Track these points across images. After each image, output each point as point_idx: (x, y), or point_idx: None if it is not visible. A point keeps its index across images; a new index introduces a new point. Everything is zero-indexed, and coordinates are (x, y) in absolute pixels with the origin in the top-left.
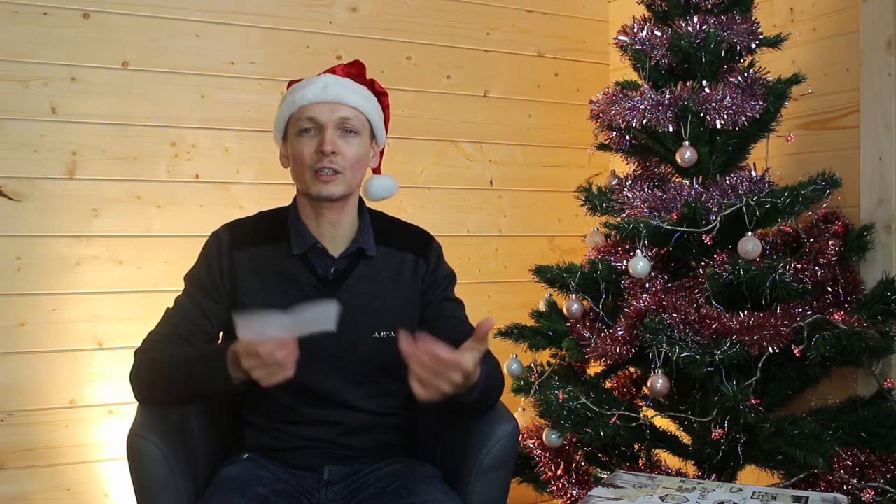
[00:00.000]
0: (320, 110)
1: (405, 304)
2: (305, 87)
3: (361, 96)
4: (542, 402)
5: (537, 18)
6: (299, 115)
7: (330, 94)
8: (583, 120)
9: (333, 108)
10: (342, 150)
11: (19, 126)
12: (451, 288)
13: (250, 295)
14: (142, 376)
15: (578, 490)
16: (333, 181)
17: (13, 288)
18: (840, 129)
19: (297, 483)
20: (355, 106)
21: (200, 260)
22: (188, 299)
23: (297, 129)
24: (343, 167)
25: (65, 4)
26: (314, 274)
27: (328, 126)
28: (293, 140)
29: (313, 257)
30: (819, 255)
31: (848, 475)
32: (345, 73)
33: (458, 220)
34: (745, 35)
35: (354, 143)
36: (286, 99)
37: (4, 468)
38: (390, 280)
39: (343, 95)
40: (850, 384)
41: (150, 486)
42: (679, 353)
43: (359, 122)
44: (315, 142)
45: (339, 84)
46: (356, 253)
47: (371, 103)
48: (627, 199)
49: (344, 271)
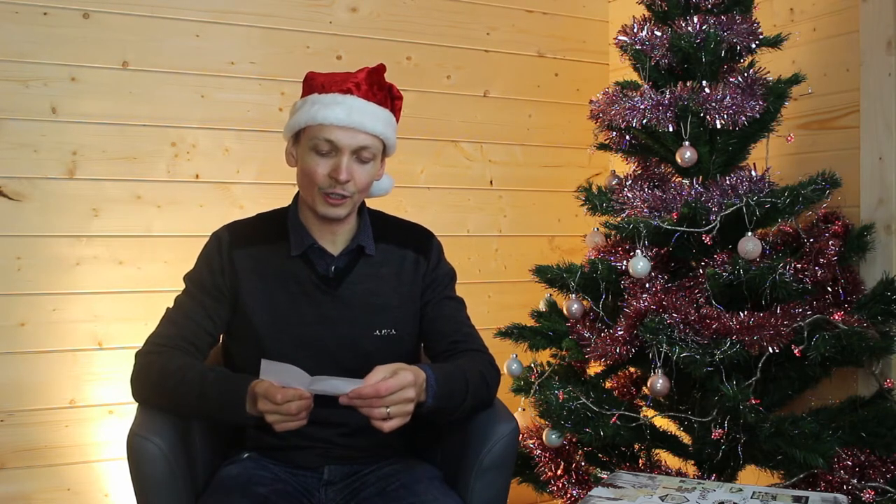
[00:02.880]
0: (340, 136)
1: (406, 302)
2: (329, 105)
3: (383, 123)
4: (542, 402)
5: (537, 18)
6: (318, 132)
7: (354, 120)
8: (583, 120)
9: (354, 136)
10: (355, 177)
11: (19, 126)
12: (451, 286)
13: (251, 294)
14: (147, 380)
15: (578, 490)
16: (341, 205)
17: (13, 288)
18: (840, 129)
19: (298, 483)
20: (375, 133)
21: (201, 260)
22: (190, 299)
23: (313, 144)
24: (353, 192)
25: (65, 4)
26: (315, 272)
27: (345, 152)
28: (306, 152)
29: (313, 256)
30: (819, 255)
31: (848, 475)
32: (367, 87)
33: (458, 220)
34: (745, 35)
35: (367, 168)
36: (306, 108)
37: (4, 468)
38: (391, 277)
39: (365, 124)
40: (850, 384)
41: (150, 486)
42: (679, 353)
43: (375, 149)
44: (329, 164)
45: (363, 111)
46: (356, 251)
47: (390, 125)
48: (627, 199)
49: (344, 269)
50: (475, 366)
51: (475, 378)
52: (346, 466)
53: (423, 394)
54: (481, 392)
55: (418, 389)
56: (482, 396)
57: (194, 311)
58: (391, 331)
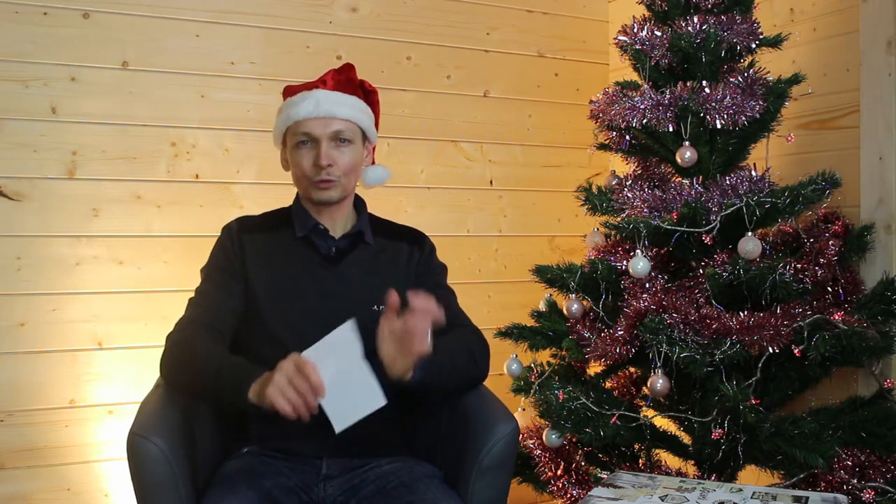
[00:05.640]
0: (314, 126)
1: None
2: (299, 102)
3: (352, 107)
4: (542, 402)
5: (537, 18)
6: (295, 129)
7: (322, 110)
8: (583, 120)
9: (326, 123)
10: (337, 161)
11: (19, 126)
12: (443, 276)
13: (257, 273)
14: (173, 360)
15: (578, 490)
16: (331, 188)
17: (13, 288)
18: (840, 129)
19: (297, 478)
20: (347, 118)
21: (216, 248)
22: (210, 283)
23: (295, 141)
24: (339, 176)
25: (65, 4)
26: (318, 252)
27: (322, 140)
28: (292, 150)
29: (316, 238)
30: (819, 255)
31: (848, 475)
32: (335, 83)
33: (458, 220)
34: (745, 35)
35: (348, 151)
36: (282, 112)
37: (4, 468)
38: (387, 263)
39: (334, 111)
40: (850, 384)
41: (150, 486)
42: (679, 353)
43: (351, 133)
44: (312, 154)
45: (329, 100)
46: (356, 235)
47: (361, 111)
48: (627, 199)
49: (344, 250)
50: (462, 343)
51: (462, 355)
52: (345, 460)
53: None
54: (469, 369)
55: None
56: (471, 372)
57: (215, 293)
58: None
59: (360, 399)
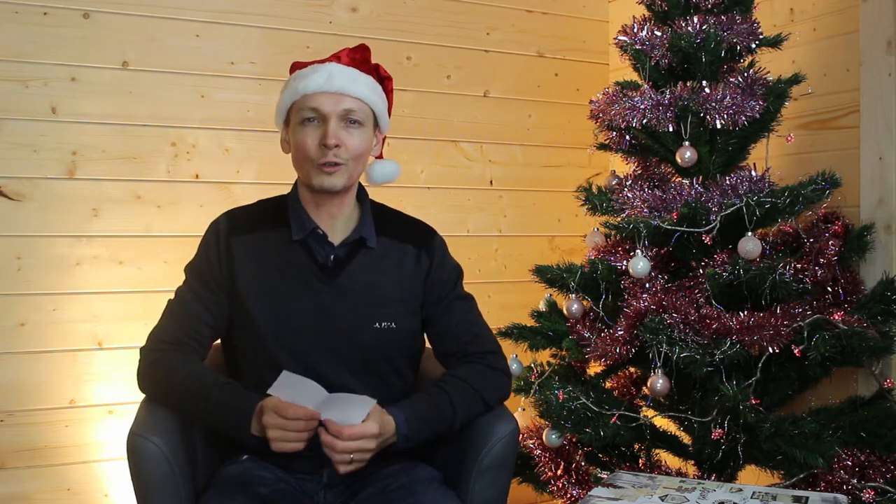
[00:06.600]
0: (324, 101)
1: (407, 296)
2: (309, 75)
3: (367, 86)
4: (542, 402)
5: (537, 18)
6: (302, 103)
7: (334, 84)
8: (583, 120)
9: (338, 100)
10: (345, 143)
11: (19, 126)
12: (459, 283)
13: (248, 282)
14: (153, 380)
15: (578, 490)
16: (336, 172)
17: (13, 288)
18: (840, 129)
19: (298, 485)
20: (360, 97)
21: (200, 250)
22: (189, 292)
23: (300, 118)
24: (346, 160)
25: (65, 4)
26: (314, 261)
27: (331, 117)
28: (295, 128)
29: (313, 244)
30: (819, 255)
31: (848, 475)
32: (349, 59)
33: (458, 220)
34: (745, 35)
35: (357, 134)
36: (289, 85)
37: (4, 468)
38: (391, 271)
39: (347, 86)
40: (850, 384)
41: (150, 486)
42: (679, 353)
43: (363, 114)
44: (318, 133)
45: (343, 74)
46: (357, 242)
47: (376, 92)
48: (627, 199)
49: (343, 259)
50: (471, 380)
51: (466, 398)
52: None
53: (394, 436)
54: (475, 408)
55: (383, 439)
56: (477, 412)
57: (193, 305)
58: (391, 324)
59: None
